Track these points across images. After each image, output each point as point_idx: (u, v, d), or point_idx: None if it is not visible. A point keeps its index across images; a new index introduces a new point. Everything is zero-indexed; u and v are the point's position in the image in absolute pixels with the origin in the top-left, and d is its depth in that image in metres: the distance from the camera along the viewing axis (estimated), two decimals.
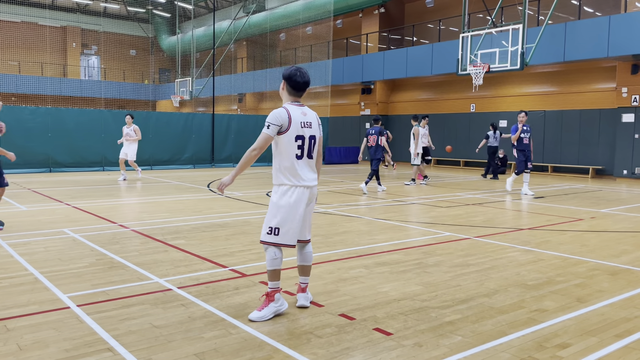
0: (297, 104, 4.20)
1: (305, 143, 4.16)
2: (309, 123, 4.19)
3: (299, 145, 4.13)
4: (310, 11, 27.26)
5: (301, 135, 4.13)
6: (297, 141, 4.12)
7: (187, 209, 9.69)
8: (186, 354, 3.35)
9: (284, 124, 4.07)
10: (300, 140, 4.13)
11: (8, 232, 7.19)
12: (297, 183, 4.14)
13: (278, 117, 4.06)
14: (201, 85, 31.55)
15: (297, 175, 4.14)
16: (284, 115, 4.07)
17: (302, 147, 4.15)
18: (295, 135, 4.10)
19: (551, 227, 8.30)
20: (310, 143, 4.19)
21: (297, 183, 4.14)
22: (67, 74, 39.36)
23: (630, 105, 17.27)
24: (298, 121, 4.11)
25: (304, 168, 4.18)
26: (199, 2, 37.31)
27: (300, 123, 4.13)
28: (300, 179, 4.15)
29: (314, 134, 4.21)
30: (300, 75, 4.17)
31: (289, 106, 4.16)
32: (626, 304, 4.49)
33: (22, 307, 4.20)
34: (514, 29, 15.73)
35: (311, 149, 4.21)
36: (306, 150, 4.18)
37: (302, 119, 4.14)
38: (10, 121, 16.74)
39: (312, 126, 4.21)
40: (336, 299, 4.50)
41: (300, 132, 4.12)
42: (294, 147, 4.12)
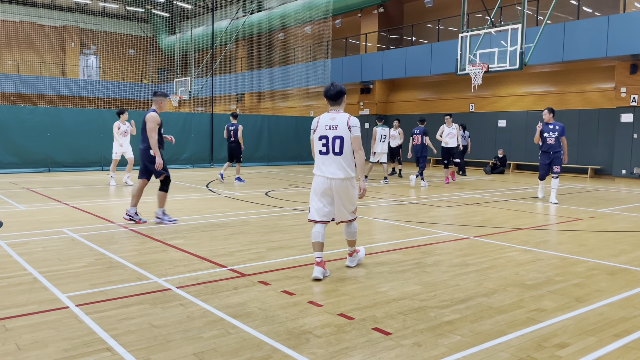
0: (331, 111, 5.21)
1: (329, 142, 5.09)
2: (334, 126, 5.09)
3: (323, 143, 5.13)
4: (309, 11, 27.26)
5: (325, 135, 5.11)
6: (321, 140, 5.13)
7: (186, 208, 9.68)
8: (185, 354, 3.35)
9: (314, 127, 5.22)
10: (324, 140, 5.12)
11: (7, 232, 7.19)
12: (319, 173, 5.19)
13: (313, 121, 5.27)
14: (200, 84, 31.53)
15: (319, 168, 5.19)
16: (315, 120, 5.25)
17: (326, 145, 5.12)
18: (319, 135, 5.14)
19: (550, 227, 8.30)
20: (334, 142, 5.07)
21: (319, 173, 5.19)
22: (66, 74, 39.33)
23: (629, 105, 17.29)
24: (324, 124, 5.13)
25: (327, 162, 5.13)
26: (197, 1, 37.30)
27: (325, 126, 5.12)
28: (321, 170, 5.17)
29: (339, 135, 5.06)
30: (328, 89, 5.22)
31: (324, 113, 5.24)
32: (625, 304, 4.50)
33: (20, 306, 4.19)
34: (512, 29, 15.73)
35: (335, 147, 5.07)
36: (330, 148, 5.10)
37: (328, 123, 5.11)
38: (9, 121, 16.75)
39: (338, 129, 5.06)
40: (335, 298, 4.50)
41: (325, 133, 5.11)
42: (319, 144, 5.16)
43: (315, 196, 5.20)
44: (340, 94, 5.22)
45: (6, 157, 16.70)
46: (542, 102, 20.38)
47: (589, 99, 19.09)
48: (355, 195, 5.27)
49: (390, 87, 26.60)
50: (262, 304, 4.33)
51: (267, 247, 6.45)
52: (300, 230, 7.64)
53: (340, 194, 5.14)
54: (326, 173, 5.12)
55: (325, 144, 5.12)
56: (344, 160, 5.09)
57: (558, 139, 10.89)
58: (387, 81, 25.92)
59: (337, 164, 5.10)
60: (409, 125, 24.55)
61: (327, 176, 5.11)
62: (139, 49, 42.00)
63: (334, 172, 5.09)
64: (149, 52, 42.47)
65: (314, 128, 5.22)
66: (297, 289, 4.73)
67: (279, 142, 22.98)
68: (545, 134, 10.96)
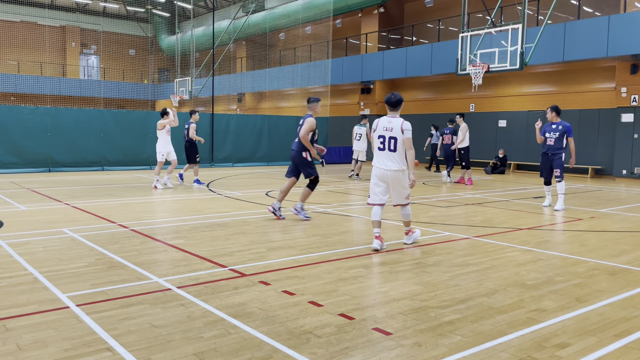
0: (389, 115, 6.45)
1: (386, 141, 6.34)
2: (390, 128, 6.34)
3: (381, 141, 6.38)
4: (310, 11, 27.26)
5: (383, 135, 6.38)
6: (379, 139, 6.39)
7: (187, 208, 9.68)
8: (185, 354, 3.35)
9: (374, 127, 6.48)
10: (382, 139, 6.38)
11: (7, 232, 7.19)
12: (377, 165, 6.46)
13: (373, 123, 6.53)
14: (200, 84, 31.54)
15: (377, 161, 6.46)
16: (375, 122, 6.53)
17: (383, 143, 6.36)
18: (378, 135, 6.41)
19: (550, 227, 8.30)
20: (389, 141, 6.33)
21: (377, 165, 6.46)
22: (66, 74, 39.35)
23: (629, 105, 17.28)
24: (382, 126, 6.39)
25: (382, 157, 6.39)
26: (198, 1, 37.30)
27: (383, 127, 6.38)
28: (378, 163, 6.44)
29: (394, 136, 6.30)
30: (389, 97, 6.45)
31: (383, 116, 6.50)
32: (625, 304, 4.50)
33: (21, 306, 4.19)
34: (513, 29, 15.73)
35: (391, 145, 6.32)
36: (387, 145, 6.35)
37: (386, 125, 6.37)
38: (10, 121, 16.76)
39: (393, 130, 6.31)
40: (335, 298, 4.50)
41: (383, 133, 6.38)
42: (378, 142, 6.42)
43: (374, 184, 6.49)
44: (399, 103, 6.42)
45: (6, 157, 16.70)
46: (542, 102, 20.37)
47: (589, 99, 19.08)
48: (406, 184, 6.47)
49: (391, 87, 26.59)
50: (263, 304, 4.33)
51: (268, 247, 6.45)
52: (301, 230, 7.64)
53: (393, 182, 6.40)
54: (382, 165, 6.39)
55: (382, 142, 6.37)
56: (397, 156, 6.33)
57: (559, 139, 10.11)
58: (387, 81, 25.91)
59: (391, 159, 6.34)
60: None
61: (383, 168, 6.38)
62: (140, 49, 42.01)
63: (389, 165, 6.35)
64: (150, 52, 42.48)
65: (374, 128, 6.48)
66: (297, 289, 4.73)
67: (280, 142, 22.98)
68: (546, 133, 10.27)
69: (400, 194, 6.48)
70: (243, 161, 22.00)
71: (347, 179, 16.28)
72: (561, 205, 10.13)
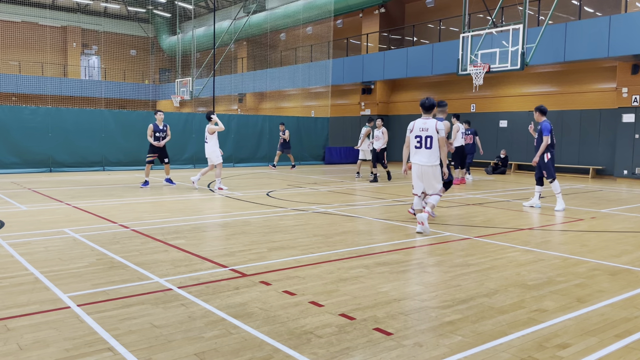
0: (424, 118, 7.53)
1: (422, 140, 7.45)
2: (426, 129, 7.44)
3: (418, 140, 7.49)
4: (311, 11, 27.26)
5: (419, 135, 7.48)
6: (416, 138, 7.51)
7: (188, 208, 9.69)
8: (186, 354, 3.36)
9: (411, 128, 7.60)
10: (418, 138, 7.49)
11: (8, 232, 7.20)
12: (415, 161, 7.58)
13: (410, 124, 7.66)
14: (201, 85, 31.55)
15: (415, 157, 7.57)
16: (412, 123, 7.65)
17: (420, 142, 7.48)
18: (415, 135, 7.52)
19: (551, 227, 8.30)
20: (426, 140, 7.42)
21: (415, 161, 7.58)
22: (67, 74, 39.38)
23: (630, 105, 17.26)
24: (418, 127, 7.51)
25: (419, 154, 7.51)
26: (199, 2, 37.31)
27: (420, 128, 7.49)
28: (415, 159, 7.55)
29: (429, 135, 7.40)
30: (424, 102, 7.50)
31: (418, 119, 7.60)
32: (626, 304, 4.49)
33: (22, 306, 4.20)
34: (514, 29, 15.72)
35: (427, 143, 7.41)
36: (423, 143, 7.45)
37: (421, 126, 7.49)
38: (11, 121, 16.78)
39: (429, 130, 7.40)
40: (336, 298, 4.50)
41: (419, 133, 7.48)
42: (415, 141, 7.53)
43: (415, 177, 7.68)
44: (432, 107, 7.51)
45: (8, 157, 16.72)
46: (543, 102, 20.32)
47: (590, 99, 19.07)
48: (439, 177, 7.55)
49: (392, 87, 26.60)
50: (263, 304, 4.33)
51: (268, 247, 6.45)
52: (302, 230, 7.65)
53: (427, 175, 7.51)
54: (419, 161, 7.51)
55: (419, 141, 7.47)
56: (432, 153, 7.42)
57: (539, 139, 10.03)
58: (388, 81, 25.91)
59: (426, 155, 7.44)
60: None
61: (420, 163, 7.50)
62: (141, 50, 42.04)
63: (424, 161, 7.47)
64: (151, 52, 42.50)
65: (411, 129, 7.60)
66: (298, 289, 4.73)
67: None
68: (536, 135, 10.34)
69: (432, 185, 7.54)
70: (244, 161, 22.01)
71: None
72: (560, 205, 9.97)
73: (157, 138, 13.09)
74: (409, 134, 7.59)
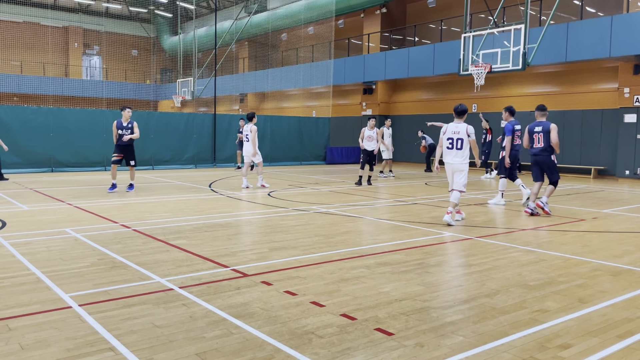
0: (456, 122, 8.41)
1: (454, 142, 8.33)
2: (458, 132, 8.32)
3: (450, 142, 8.38)
4: (312, 11, 27.26)
5: (451, 137, 8.36)
6: (448, 140, 8.40)
7: (189, 208, 9.69)
8: (188, 354, 3.36)
9: (444, 131, 8.48)
10: (450, 140, 8.37)
11: (10, 232, 7.20)
12: (446, 161, 8.47)
13: (443, 127, 8.55)
14: (203, 85, 31.57)
15: (446, 158, 8.47)
16: (445, 126, 8.51)
17: (452, 143, 8.36)
18: (447, 137, 8.41)
19: (553, 228, 8.29)
20: (457, 142, 8.30)
21: (446, 161, 8.47)
22: (69, 74, 39.43)
23: (632, 105, 17.24)
24: (451, 130, 8.39)
25: (451, 154, 8.39)
26: (200, 2, 37.34)
27: (452, 131, 8.37)
28: (447, 159, 8.45)
29: (461, 137, 8.28)
30: (457, 107, 8.44)
31: (451, 123, 8.49)
32: (628, 305, 4.49)
33: (24, 306, 4.20)
34: (515, 29, 15.71)
35: (458, 145, 8.30)
36: (455, 145, 8.34)
37: (454, 129, 8.36)
38: (13, 121, 16.80)
39: (460, 134, 8.29)
40: (337, 299, 4.50)
41: (452, 136, 8.36)
42: (447, 143, 8.42)
43: (448, 175, 8.56)
44: (463, 113, 8.40)
45: (9, 157, 16.72)
46: (545, 102, 20.27)
47: (592, 99, 19.04)
48: (465, 174, 8.37)
49: (393, 87, 26.59)
50: (265, 304, 4.33)
51: (270, 248, 6.45)
52: (303, 230, 7.64)
53: (456, 172, 8.39)
54: (451, 161, 8.40)
55: (451, 142, 8.36)
56: (462, 153, 8.32)
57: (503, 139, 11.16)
58: (389, 81, 25.91)
59: (457, 155, 8.34)
60: (411, 126, 24.57)
61: (451, 162, 8.40)
62: (142, 50, 42.09)
63: (455, 160, 8.37)
64: (152, 52, 42.54)
65: (444, 132, 8.46)
66: (299, 289, 4.73)
67: (282, 143, 23.00)
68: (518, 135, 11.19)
69: (458, 181, 8.38)
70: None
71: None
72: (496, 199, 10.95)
73: (121, 136, 11.96)
74: (442, 136, 8.50)
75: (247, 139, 13.31)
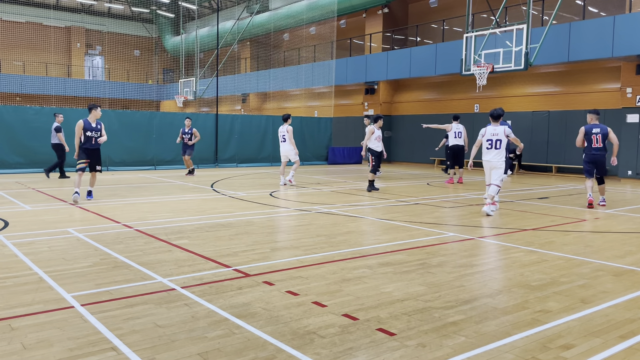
0: (493, 125, 9.53)
1: (493, 142, 9.44)
2: (496, 134, 9.42)
3: (489, 143, 9.48)
4: (314, 11, 27.26)
5: (490, 139, 9.47)
6: (488, 141, 9.50)
7: (191, 209, 9.70)
8: (189, 354, 3.36)
9: (483, 133, 9.56)
10: (490, 141, 9.48)
11: (12, 232, 7.22)
12: (485, 159, 9.57)
13: (482, 130, 9.62)
14: (205, 85, 31.59)
15: (485, 156, 9.56)
16: (483, 129, 9.58)
17: (491, 144, 9.47)
18: (487, 139, 9.50)
19: (555, 228, 8.27)
20: (496, 143, 9.42)
21: (485, 159, 9.57)
22: (71, 74, 39.49)
23: (634, 105, 17.20)
24: (490, 132, 9.49)
25: (491, 153, 9.49)
26: (202, 2, 37.37)
27: (491, 134, 9.47)
28: (486, 158, 9.55)
29: (499, 138, 9.39)
30: (493, 112, 9.56)
31: (489, 126, 9.57)
32: (630, 305, 4.48)
33: (26, 306, 4.21)
34: (518, 29, 15.68)
35: (497, 145, 9.43)
36: (494, 145, 9.44)
37: (492, 132, 9.47)
38: (15, 121, 16.83)
39: (499, 135, 9.39)
40: (339, 299, 4.50)
41: (491, 137, 9.47)
42: (487, 144, 9.51)
43: (486, 171, 9.64)
44: (500, 116, 9.52)
45: (12, 157, 16.78)
46: (547, 102, 20.32)
47: (594, 99, 19.00)
48: (502, 171, 9.48)
49: (395, 87, 26.57)
50: (267, 304, 4.33)
51: (272, 248, 6.46)
52: (305, 230, 7.65)
53: (494, 169, 9.48)
54: (490, 159, 9.48)
55: (490, 143, 9.47)
56: (500, 152, 9.42)
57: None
58: (391, 82, 25.89)
59: (495, 154, 9.44)
60: (411, 126, 24.55)
61: (490, 160, 9.49)
62: (144, 50, 42.13)
63: (494, 158, 9.45)
64: (154, 52, 42.59)
65: (483, 134, 9.56)
66: (301, 290, 4.73)
67: None
68: None
69: (496, 176, 9.46)
70: (247, 162, 22.02)
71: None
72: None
73: (89, 138, 10.29)
74: (480, 138, 9.59)
75: (284, 139, 14.09)
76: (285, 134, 14.03)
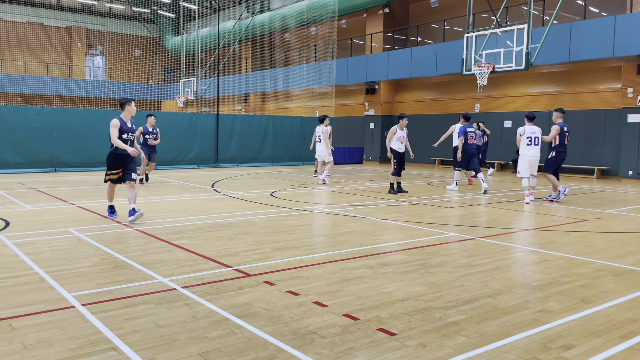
0: (530, 124, 11.16)
1: (532, 139, 11.09)
2: (534, 132, 11.09)
3: (529, 140, 11.11)
4: (315, 11, 27.26)
5: (530, 136, 11.07)
6: (527, 139, 11.10)
7: (192, 208, 9.71)
8: (190, 354, 3.36)
9: (522, 132, 11.16)
10: (529, 139, 11.09)
11: (13, 232, 7.23)
12: (526, 154, 11.18)
13: (520, 129, 11.23)
14: (206, 85, 31.59)
15: (527, 152, 11.15)
16: (522, 128, 11.19)
17: (531, 141, 11.11)
18: (527, 137, 11.10)
19: (556, 228, 8.27)
20: (535, 139, 11.08)
21: (526, 154, 11.18)
22: (72, 74, 39.52)
23: (635, 105, 17.19)
24: (529, 131, 11.09)
25: (532, 150, 11.13)
26: (203, 2, 37.38)
27: (530, 132, 11.07)
28: (528, 153, 11.17)
29: (537, 136, 11.08)
30: (528, 114, 11.21)
31: (527, 125, 11.18)
32: (631, 305, 4.48)
33: (27, 306, 4.22)
34: (518, 29, 15.67)
35: (535, 142, 11.08)
36: (533, 142, 11.09)
37: (531, 130, 11.09)
38: (16, 121, 16.84)
39: (536, 133, 11.10)
40: (340, 299, 4.50)
41: (530, 135, 11.05)
42: (527, 141, 11.15)
43: (526, 165, 11.16)
44: (535, 117, 11.22)
45: (13, 157, 16.79)
46: (548, 102, 20.30)
47: (595, 99, 19.00)
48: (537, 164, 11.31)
49: (396, 87, 26.57)
50: (267, 304, 4.33)
51: (272, 248, 6.46)
52: (306, 230, 7.65)
53: (535, 163, 11.22)
54: (532, 154, 11.15)
55: (530, 140, 11.10)
56: (539, 148, 11.12)
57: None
58: (392, 81, 25.89)
59: (536, 150, 11.14)
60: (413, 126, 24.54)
61: (531, 155, 11.14)
62: (145, 50, 42.16)
63: (535, 155, 11.16)
64: (155, 52, 42.61)
65: (522, 133, 11.15)
66: (302, 289, 4.73)
67: (284, 143, 23.02)
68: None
69: (535, 168, 11.23)
70: (248, 162, 22.03)
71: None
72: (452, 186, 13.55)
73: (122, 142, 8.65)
74: (519, 137, 11.21)
75: (319, 140, 14.60)
76: (321, 134, 14.53)
